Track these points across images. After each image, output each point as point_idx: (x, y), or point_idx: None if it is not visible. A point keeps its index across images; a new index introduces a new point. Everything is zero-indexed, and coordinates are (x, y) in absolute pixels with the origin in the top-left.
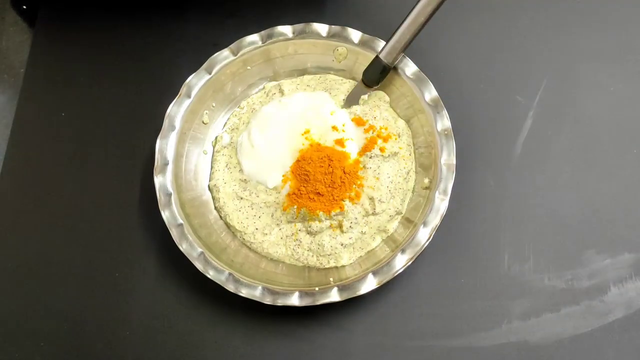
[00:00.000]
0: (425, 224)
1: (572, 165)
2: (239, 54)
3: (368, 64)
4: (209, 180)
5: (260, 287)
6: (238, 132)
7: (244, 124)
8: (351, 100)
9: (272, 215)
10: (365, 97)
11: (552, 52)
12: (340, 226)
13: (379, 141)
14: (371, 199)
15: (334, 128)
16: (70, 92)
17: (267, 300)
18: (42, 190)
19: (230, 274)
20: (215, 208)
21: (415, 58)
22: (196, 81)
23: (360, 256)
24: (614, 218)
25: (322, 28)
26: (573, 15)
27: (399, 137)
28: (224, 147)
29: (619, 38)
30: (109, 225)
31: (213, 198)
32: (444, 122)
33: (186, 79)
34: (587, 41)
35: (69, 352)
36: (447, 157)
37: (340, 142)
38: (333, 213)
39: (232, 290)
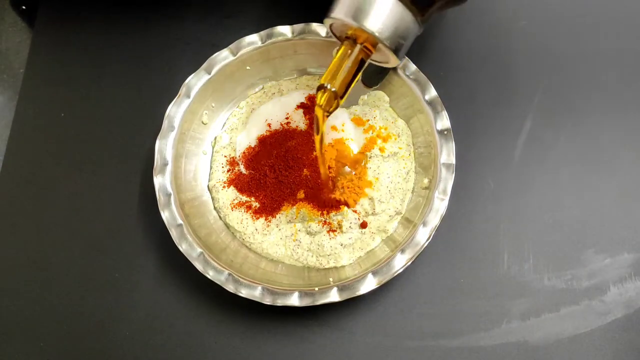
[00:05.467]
0: (424, 224)
1: (571, 165)
2: (238, 54)
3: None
4: (209, 181)
5: (260, 288)
6: (237, 132)
7: (243, 124)
8: (350, 100)
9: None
10: (364, 97)
11: (552, 53)
12: (339, 226)
13: (379, 141)
14: (371, 199)
15: (334, 128)
16: (70, 92)
17: (267, 301)
18: (42, 190)
19: (229, 274)
20: (215, 208)
21: (414, 58)
22: (195, 81)
23: (360, 256)
24: (614, 218)
25: (321, 28)
26: (573, 15)
27: (399, 137)
28: (224, 147)
29: (619, 39)
30: (109, 225)
31: (212, 198)
32: (444, 122)
33: (185, 79)
34: (587, 41)
35: (69, 352)
36: (447, 157)
37: (339, 142)
38: (332, 213)
39: (231, 291)
